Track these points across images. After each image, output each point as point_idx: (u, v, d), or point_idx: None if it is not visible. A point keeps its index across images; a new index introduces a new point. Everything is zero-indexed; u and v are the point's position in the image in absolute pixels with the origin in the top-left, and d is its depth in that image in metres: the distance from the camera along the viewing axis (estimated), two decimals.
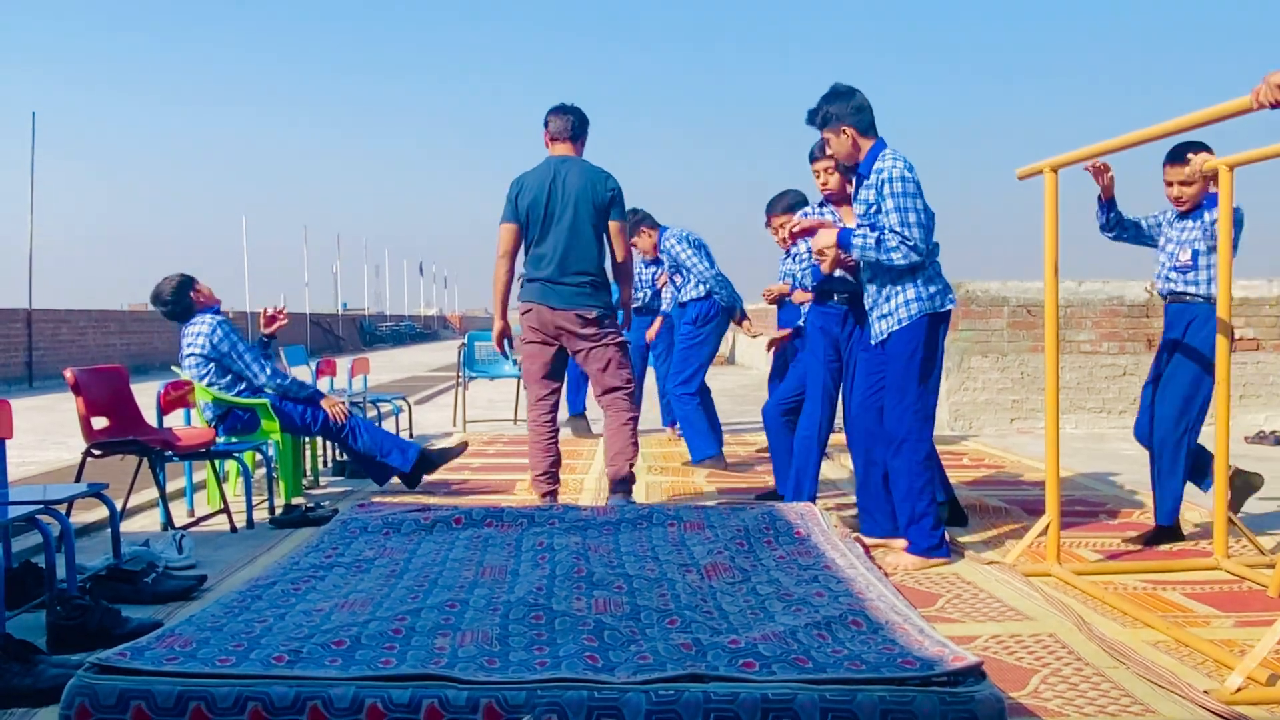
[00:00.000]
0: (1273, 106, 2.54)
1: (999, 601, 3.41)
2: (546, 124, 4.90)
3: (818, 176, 4.45)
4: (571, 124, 4.83)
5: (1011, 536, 4.35)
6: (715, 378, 5.56)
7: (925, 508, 3.85)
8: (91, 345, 16.86)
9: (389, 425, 8.22)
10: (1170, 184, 4.08)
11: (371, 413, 7.78)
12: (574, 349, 4.79)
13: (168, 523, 4.77)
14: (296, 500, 5.46)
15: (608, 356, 4.76)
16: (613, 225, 4.82)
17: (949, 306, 3.88)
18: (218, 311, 5.34)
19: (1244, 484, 4.34)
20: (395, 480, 5.62)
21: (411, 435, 8.46)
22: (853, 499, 4.83)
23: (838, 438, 5.42)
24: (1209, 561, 3.84)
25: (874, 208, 3.80)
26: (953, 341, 8.30)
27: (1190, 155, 3.91)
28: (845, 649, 2.48)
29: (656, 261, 7.77)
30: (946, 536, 3.97)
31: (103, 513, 4.59)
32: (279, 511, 4.99)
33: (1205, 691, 2.53)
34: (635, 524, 4.09)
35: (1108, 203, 4.20)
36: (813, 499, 4.55)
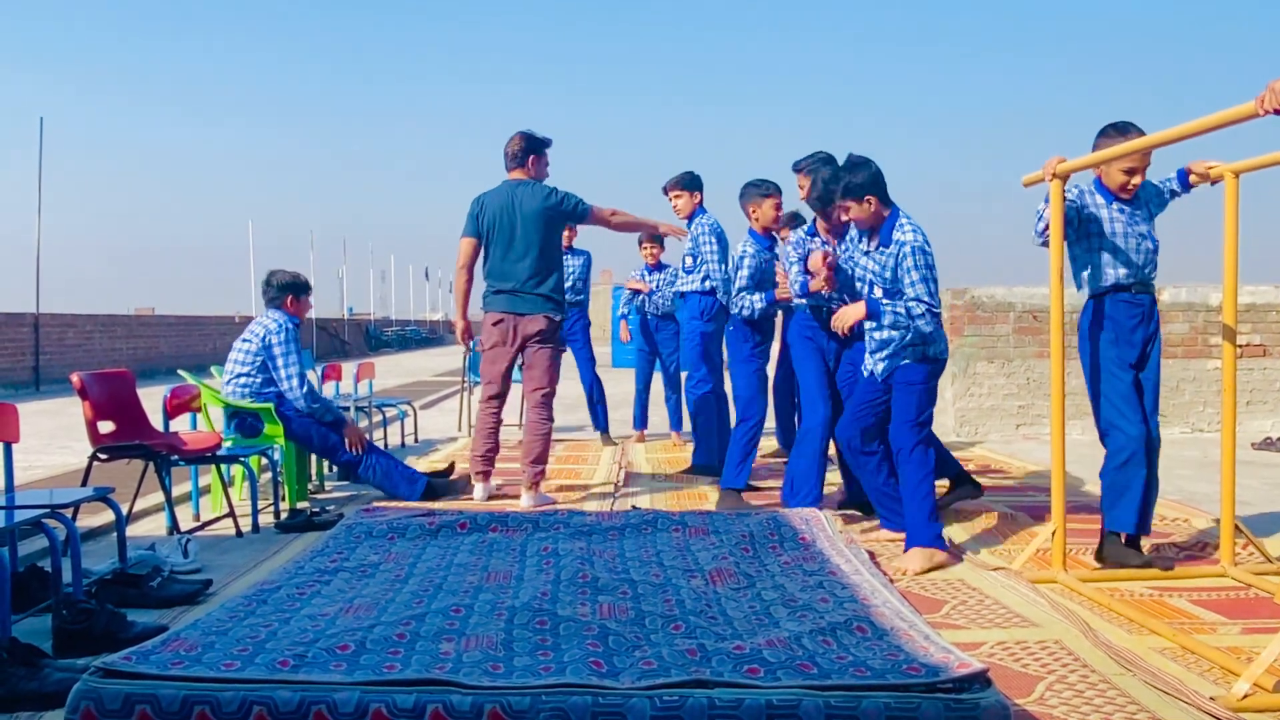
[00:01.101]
0: (1276, 113, 2.54)
1: (1005, 608, 3.40)
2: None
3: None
4: (515, 152, 5.41)
5: (1017, 543, 4.35)
6: (726, 382, 5.58)
7: (930, 508, 3.96)
8: (98, 349, 16.89)
9: (394, 430, 8.27)
10: (1134, 171, 3.84)
11: (376, 417, 7.79)
12: (527, 347, 5.34)
13: (173, 527, 4.78)
14: (301, 505, 5.47)
15: (549, 358, 5.35)
16: (591, 219, 5.48)
17: (945, 358, 4.11)
18: (296, 323, 5.54)
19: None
20: None
21: (416, 439, 8.49)
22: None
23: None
24: (1215, 568, 3.84)
25: (892, 273, 3.96)
26: (958, 347, 8.30)
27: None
28: (850, 655, 2.48)
29: (660, 266, 7.78)
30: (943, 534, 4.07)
31: (109, 517, 4.60)
32: (284, 516, 5.00)
33: (1211, 698, 2.52)
34: (640, 529, 4.09)
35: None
36: (818, 504, 4.57)
